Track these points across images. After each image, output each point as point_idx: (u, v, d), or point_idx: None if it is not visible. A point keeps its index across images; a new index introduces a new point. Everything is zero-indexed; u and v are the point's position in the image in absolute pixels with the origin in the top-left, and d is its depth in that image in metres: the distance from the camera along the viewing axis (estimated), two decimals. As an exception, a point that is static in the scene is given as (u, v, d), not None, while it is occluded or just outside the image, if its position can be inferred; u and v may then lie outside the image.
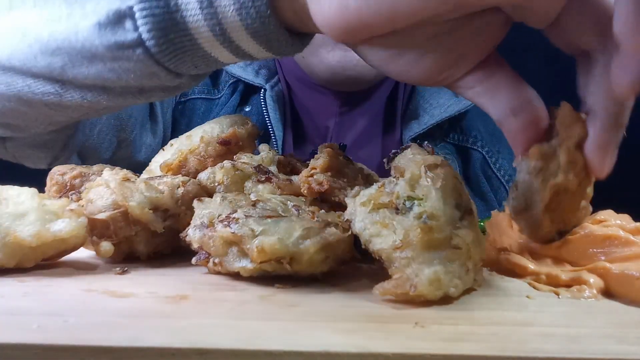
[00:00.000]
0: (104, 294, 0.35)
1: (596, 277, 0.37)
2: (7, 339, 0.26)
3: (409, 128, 0.82)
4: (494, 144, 0.88)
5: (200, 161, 0.51)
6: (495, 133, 0.88)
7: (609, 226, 0.39)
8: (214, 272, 0.40)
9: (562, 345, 0.28)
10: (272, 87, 0.82)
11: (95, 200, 0.42)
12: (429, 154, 0.38)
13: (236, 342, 0.27)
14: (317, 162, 0.44)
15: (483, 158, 0.87)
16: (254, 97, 0.83)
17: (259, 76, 0.83)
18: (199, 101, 0.86)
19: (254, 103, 0.82)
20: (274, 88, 0.82)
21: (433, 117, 0.82)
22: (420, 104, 0.84)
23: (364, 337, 0.28)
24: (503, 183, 0.87)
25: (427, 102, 0.84)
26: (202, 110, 0.86)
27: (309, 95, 0.83)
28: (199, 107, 0.86)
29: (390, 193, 0.35)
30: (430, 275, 0.32)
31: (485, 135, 0.88)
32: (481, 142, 0.87)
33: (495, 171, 0.87)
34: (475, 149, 0.87)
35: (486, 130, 0.88)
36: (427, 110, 0.83)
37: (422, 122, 0.82)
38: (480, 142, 0.87)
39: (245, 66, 0.83)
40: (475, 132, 0.87)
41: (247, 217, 0.37)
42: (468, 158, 0.87)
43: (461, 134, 0.87)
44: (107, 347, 0.26)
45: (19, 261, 0.39)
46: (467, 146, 0.87)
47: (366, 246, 0.36)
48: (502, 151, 0.88)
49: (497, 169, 0.87)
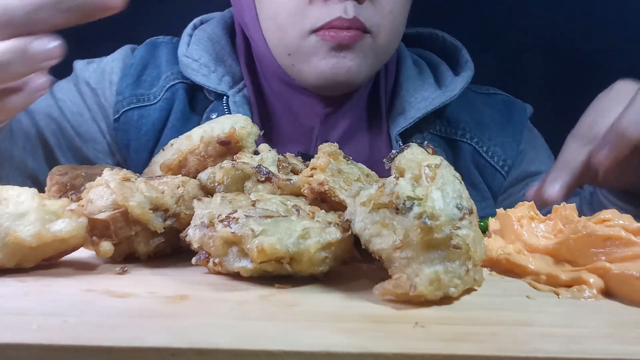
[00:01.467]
0: (104, 294, 0.35)
1: (596, 277, 0.37)
2: (7, 339, 0.26)
3: (396, 123, 0.82)
4: (482, 132, 0.87)
5: (200, 161, 0.51)
6: (483, 121, 0.88)
7: (611, 226, 0.39)
8: (214, 272, 0.40)
9: (562, 345, 0.28)
10: (236, 93, 0.82)
11: (95, 200, 0.42)
12: (429, 154, 0.38)
13: (236, 342, 0.27)
14: (317, 162, 0.44)
15: (474, 149, 0.86)
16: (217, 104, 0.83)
17: (222, 83, 0.83)
18: (130, 112, 0.85)
19: (219, 109, 0.82)
20: (238, 94, 0.83)
21: (419, 111, 0.82)
22: (405, 99, 0.84)
23: (364, 337, 0.28)
24: (498, 170, 0.87)
25: (412, 95, 0.84)
26: (136, 119, 0.85)
27: (293, 98, 0.83)
28: (132, 117, 0.85)
29: (390, 193, 0.35)
30: (430, 275, 0.32)
31: (472, 125, 0.87)
32: (470, 134, 0.87)
33: (488, 159, 0.87)
34: (464, 142, 0.86)
35: (472, 120, 0.88)
36: (412, 104, 0.83)
37: (408, 116, 0.82)
38: (469, 134, 0.87)
39: (209, 74, 0.83)
40: (463, 124, 0.87)
41: (247, 217, 0.37)
42: (457, 150, 0.86)
43: (448, 126, 0.87)
44: (107, 347, 0.26)
45: (19, 261, 0.39)
46: (455, 139, 0.87)
47: (366, 246, 0.36)
48: (493, 137, 0.88)
49: (490, 156, 0.87)
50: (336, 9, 0.72)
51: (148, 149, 0.84)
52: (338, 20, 0.72)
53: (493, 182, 0.87)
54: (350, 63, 0.74)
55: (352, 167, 0.47)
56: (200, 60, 0.84)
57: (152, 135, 0.84)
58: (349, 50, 0.73)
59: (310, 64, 0.75)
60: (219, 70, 0.84)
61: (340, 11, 0.72)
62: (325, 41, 0.73)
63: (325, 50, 0.74)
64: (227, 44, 0.87)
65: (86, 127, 0.87)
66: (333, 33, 0.72)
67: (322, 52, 0.74)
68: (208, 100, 0.85)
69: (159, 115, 0.84)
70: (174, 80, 0.86)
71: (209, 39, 0.87)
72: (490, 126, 0.88)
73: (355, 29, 0.72)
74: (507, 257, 0.41)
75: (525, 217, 0.45)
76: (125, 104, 0.85)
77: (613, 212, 0.41)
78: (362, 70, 0.76)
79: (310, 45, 0.74)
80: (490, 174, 0.87)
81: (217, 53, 0.85)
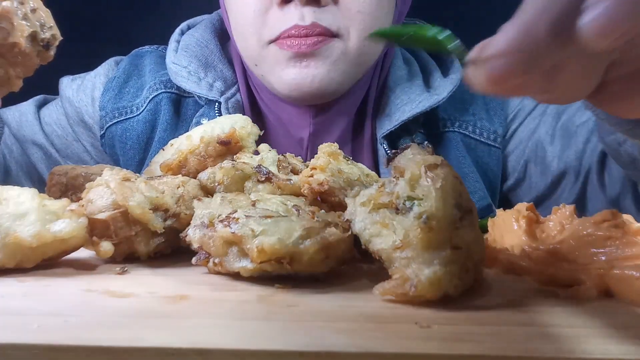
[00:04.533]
0: (104, 294, 0.35)
1: (596, 277, 0.37)
2: (7, 339, 0.26)
3: (381, 126, 0.79)
4: (465, 110, 0.83)
5: (200, 161, 0.51)
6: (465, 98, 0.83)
7: (611, 226, 0.39)
8: (214, 272, 0.40)
9: (562, 345, 0.28)
10: (228, 99, 0.80)
11: (95, 200, 0.42)
12: (429, 154, 0.38)
13: (236, 342, 0.27)
14: (317, 162, 0.44)
15: (461, 135, 0.82)
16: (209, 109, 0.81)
17: (213, 90, 0.80)
18: (114, 127, 0.84)
19: (210, 115, 0.80)
20: (230, 99, 0.80)
21: (404, 114, 0.78)
22: (391, 100, 0.80)
23: (364, 337, 0.28)
24: (491, 144, 0.82)
25: (398, 97, 0.80)
26: (120, 134, 0.84)
27: (281, 108, 0.80)
28: (116, 132, 0.84)
29: (390, 193, 0.35)
30: (430, 275, 0.32)
31: (452, 111, 0.83)
32: (450, 121, 0.82)
33: (477, 137, 0.82)
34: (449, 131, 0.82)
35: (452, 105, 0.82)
36: (398, 106, 0.79)
37: (394, 119, 0.78)
38: (449, 122, 0.82)
39: (199, 80, 0.81)
40: (442, 114, 0.82)
41: (247, 217, 0.37)
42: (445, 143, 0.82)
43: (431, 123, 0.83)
44: (107, 347, 0.26)
45: (19, 261, 0.39)
46: (439, 131, 0.82)
47: (366, 246, 0.36)
48: (477, 112, 0.83)
49: (479, 134, 0.82)
50: (292, 16, 0.69)
51: (135, 163, 0.83)
52: (295, 29, 0.69)
53: (490, 159, 0.83)
54: (315, 71, 0.71)
55: (352, 167, 0.47)
56: (190, 67, 0.81)
57: (139, 149, 0.83)
58: (311, 58, 0.70)
59: (275, 75, 0.73)
60: (209, 75, 0.81)
61: (296, 18, 0.69)
62: (283, 50, 0.70)
63: (286, 60, 0.71)
64: (216, 48, 0.84)
65: (72, 148, 0.87)
66: (289, 42, 0.69)
67: (282, 62, 0.71)
68: (198, 105, 0.83)
69: (143, 128, 0.83)
70: (157, 91, 0.84)
71: (197, 44, 0.84)
72: (472, 101, 0.84)
73: (317, 35, 0.69)
74: (507, 257, 0.41)
75: (525, 217, 0.45)
76: (108, 119, 0.84)
77: (613, 212, 0.41)
78: (332, 76, 0.72)
79: (270, 55, 0.72)
80: (485, 152, 0.82)
81: (207, 58, 0.83)
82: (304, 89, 0.71)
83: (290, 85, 0.72)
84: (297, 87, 0.71)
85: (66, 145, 0.87)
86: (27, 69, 0.48)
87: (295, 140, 0.81)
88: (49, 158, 0.86)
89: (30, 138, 0.86)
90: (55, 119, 0.87)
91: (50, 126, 0.87)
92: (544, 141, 0.79)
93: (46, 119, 0.87)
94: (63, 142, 0.87)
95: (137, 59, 0.89)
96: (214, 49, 0.84)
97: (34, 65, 0.48)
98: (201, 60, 0.82)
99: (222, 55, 0.84)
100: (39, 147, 0.86)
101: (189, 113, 0.83)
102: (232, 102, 0.80)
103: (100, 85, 0.86)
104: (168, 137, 0.79)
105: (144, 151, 0.83)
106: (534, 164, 0.81)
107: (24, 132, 0.86)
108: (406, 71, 0.84)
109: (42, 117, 0.87)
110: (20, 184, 0.80)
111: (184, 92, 0.84)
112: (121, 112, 0.84)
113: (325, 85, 0.72)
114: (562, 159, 0.77)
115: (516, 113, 0.84)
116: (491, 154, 0.83)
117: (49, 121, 0.87)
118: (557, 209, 0.45)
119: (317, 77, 0.71)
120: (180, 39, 0.87)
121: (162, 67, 0.85)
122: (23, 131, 0.86)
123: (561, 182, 0.79)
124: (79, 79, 0.88)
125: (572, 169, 0.77)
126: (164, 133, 0.81)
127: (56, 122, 0.87)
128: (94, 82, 0.87)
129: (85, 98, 0.86)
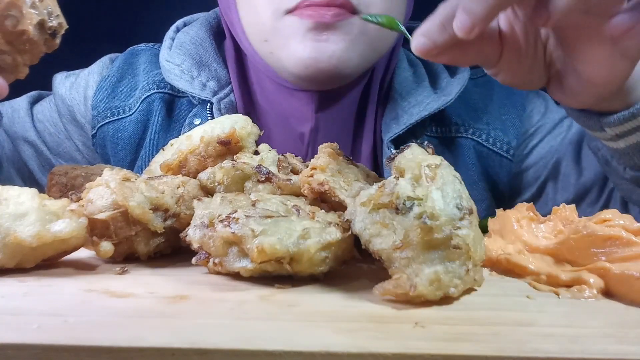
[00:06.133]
0: (104, 294, 0.35)
1: (596, 277, 0.37)
2: (7, 339, 0.26)
3: (387, 129, 0.77)
4: (478, 120, 0.81)
5: (200, 161, 0.51)
6: (478, 107, 0.82)
7: (612, 226, 0.39)
8: (214, 272, 0.40)
9: (562, 345, 0.28)
10: (220, 99, 0.78)
11: (95, 200, 0.42)
12: (429, 154, 0.38)
13: (236, 342, 0.27)
14: (317, 162, 0.44)
15: (474, 142, 0.80)
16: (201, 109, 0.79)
17: (206, 89, 0.79)
18: (105, 127, 0.83)
19: (203, 115, 0.78)
20: (223, 100, 0.78)
21: (412, 117, 0.75)
22: (398, 103, 0.78)
23: (364, 337, 0.28)
24: (503, 155, 0.81)
25: (405, 100, 0.78)
26: (111, 134, 0.82)
27: (283, 100, 0.77)
28: (107, 132, 0.83)
29: (390, 193, 0.35)
30: (430, 275, 0.32)
31: (466, 117, 0.81)
32: (464, 126, 0.81)
33: (490, 146, 0.80)
34: (462, 137, 0.80)
35: (465, 110, 0.81)
36: (405, 109, 0.77)
37: (401, 122, 0.76)
38: (463, 127, 0.81)
39: (192, 79, 0.79)
40: (456, 118, 0.81)
41: (247, 217, 0.37)
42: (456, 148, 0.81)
43: (442, 125, 0.81)
44: (107, 347, 0.26)
45: (19, 261, 0.39)
46: (451, 136, 0.80)
47: (366, 246, 0.36)
48: (491, 122, 0.81)
49: (492, 143, 0.80)
50: None
51: (127, 163, 0.82)
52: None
53: (501, 169, 0.81)
54: (334, 47, 0.65)
55: (352, 167, 0.47)
56: (183, 65, 0.79)
57: (130, 150, 0.82)
58: (331, 31, 0.65)
59: (289, 49, 0.67)
60: (202, 75, 0.80)
61: None
62: (302, 20, 0.64)
63: (303, 31, 0.65)
64: (211, 46, 0.82)
65: (64, 146, 0.86)
66: (311, 11, 0.64)
67: (299, 34, 0.65)
68: (191, 105, 0.81)
69: (135, 129, 0.81)
70: (150, 91, 0.82)
71: (192, 42, 0.82)
72: (486, 110, 0.82)
73: (338, 6, 0.64)
74: (507, 257, 0.41)
75: (525, 217, 0.45)
76: (99, 119, 0.83)
77: (613, 212, 0.41)
78: (350, 56, 0.67)
79: (286, 27, 0.66)
80: (496, 162, 0.81)
81: (201, 57, 0.81)
82: (320, 65, 0.66)
83: (306, 61, 0.66)
84: (313, 63, 0.66)
85: (58, 143, 0.86)
86: (34, 57, 0.49)
87: (296, 135, 0.79)
88: (40, 155, 0.85)
89: (22, 135, 0.85)
90: (48, 116, 0.86)
91: (43, 123, 0.86)
92: (566, 159, 0.78)
93: (39, 115, 0.86)
94: (55, 140, 0.86)
95: (132, 57, 0.88)
96: (208, 48, 0.82)
97: (40, 53, 0.49)
98: (195, 59, 0.81)
99: (217, 54, 0.82)
100: (30, 145, 0.85)
101: (182, 114, 0.82)
102: (225, 102, 0.78)
103: (93, 84, 0.85)
104: (160, 139, 0.79)
105: (135, 152, 0.82)
106: (552, 182, 0.80)
107: (15, 129, 0.85)
108: (411, 72, 0.82)
109: (35, 114, 0.86)
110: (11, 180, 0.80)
111: (177, 93, 0.83)
112: (113, 112, 0.83)
113: (342, 64, 0.67)
114: (585, 176, 0.76)
115: (537, 129, 0.82)
116: (502, 165, 0.81)
117: (42, 118, 0.86)
118: (557, 209, 0.45)
119: (336, 53, 0.66)
120: (175, 36, 0.85)
121: (156, 66, 0.84)
122: (14, 127, 0.85)
123: (584, 198, 0.77)
124: (73, 76, 0.87)
125: (596, 186, 0.76)
126: (156, 134, 0.80)
127: (49, 120, 0.86)
128: (87, 81, 0.86)
129: (77, 97, 0.85)
